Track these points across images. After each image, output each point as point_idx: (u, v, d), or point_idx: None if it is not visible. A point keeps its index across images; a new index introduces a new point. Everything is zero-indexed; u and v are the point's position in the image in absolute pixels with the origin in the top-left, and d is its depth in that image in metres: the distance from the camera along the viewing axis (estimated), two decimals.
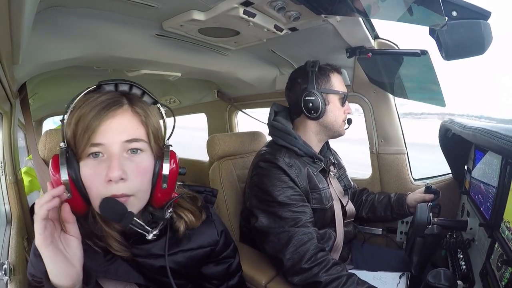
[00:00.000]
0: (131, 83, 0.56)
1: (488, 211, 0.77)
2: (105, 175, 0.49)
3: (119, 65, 1.30)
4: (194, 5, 0.86)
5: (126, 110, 0.53)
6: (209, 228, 0.69)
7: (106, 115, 0.51)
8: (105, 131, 0.51)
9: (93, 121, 0.50)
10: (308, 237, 0.88)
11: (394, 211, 1.18)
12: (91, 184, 0.51)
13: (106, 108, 0.51)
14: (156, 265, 0.60)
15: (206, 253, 0.67)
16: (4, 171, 1.02)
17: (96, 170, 0.51)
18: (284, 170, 0.96)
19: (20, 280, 0.77)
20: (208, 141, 1.33)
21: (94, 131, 0.50)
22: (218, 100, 2.00)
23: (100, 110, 0.51)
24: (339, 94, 1.05)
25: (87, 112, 0.51)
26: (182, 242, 0.63)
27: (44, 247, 0.45)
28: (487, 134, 0.64)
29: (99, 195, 0.50)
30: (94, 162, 0.51)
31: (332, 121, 1.05)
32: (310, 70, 1.03)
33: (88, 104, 0.52)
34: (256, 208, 0.98)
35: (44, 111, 2.74)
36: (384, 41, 1.17)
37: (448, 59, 0.75)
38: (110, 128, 0.51)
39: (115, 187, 0.50)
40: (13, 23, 0.52)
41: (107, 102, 0.52)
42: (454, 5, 0.66)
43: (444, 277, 0.64)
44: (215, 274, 0.71)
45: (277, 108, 1.13)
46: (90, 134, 0.50)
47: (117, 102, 0.53)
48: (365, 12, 0.79)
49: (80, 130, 0.50)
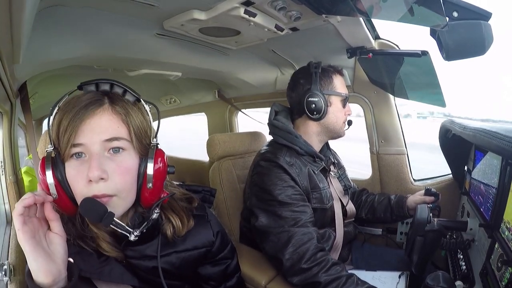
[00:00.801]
0: (111, 82, 0.55)
1: (488, 212, 0.77)
2: (86, 175, 0.49)
3: (120, 64, 1.30)
4: (195, 5, 0.86)
5: (106, 109, 0.53)
6: (205, 229, 0.68)
7: (85, 115, 0.51)
8: (85, 131, 0.51)
9: (73, 121, 0.50)
10: (308, 237, 0.88)
11: (394, 212, 1.18)
12: (74, 184, 0.51)
13: (85, 108, 0.51)
14: (149, 266, 0.59)
15: (201, 254, 0.67)
16: (4, 171, 1.02)
17: (79, 171, 0.51)
18: (285, 169, 0.96)
19: (20, 280, 0.76)
20: (208, 141, 1.33)
21: (74, 131, 0.50)
22: (218, 100, 2.00)
23: (79, 110, 0.51)
24: (341, 96, 1.06)
25: (67, 113, 0.51)
26: (176, 243, 0.63)
27: (24, 241, 0.46)
28: (487, 135, 0.64)
29: (82, 195, 0.50)
30: (77, 163, 0.51)
31: (333, 122, 1.06)
32: (314, 71, 1.03)
33: (69, 105, 0.52)
34: (256, 207, 0.98)
35: (44, 111, 2.73)
36: (385, 42, 1.17)
37: (448, 59, 0.75)
38: (90, 128, 0.51)
39: (96, 187, 0.50)
40: (13, 22, 0.52)
41: (86, 102, 0.52)
42: (455, 6, 0.66)
43: (443, 280, 0.65)
44: (212, 275, 0.70)
45: (278, 107, 1.13)
46: (70, 135, 0.50)
47: (96, 102, 0.52)
48: (366, 12, 0.79)
49: (62, 131, 0.51)
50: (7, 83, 0.81)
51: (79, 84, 0.55)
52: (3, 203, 1.01)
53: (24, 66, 0.86)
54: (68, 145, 0.50)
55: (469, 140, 0.81)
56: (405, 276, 1.00)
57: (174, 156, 2.54)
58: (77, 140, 0.50)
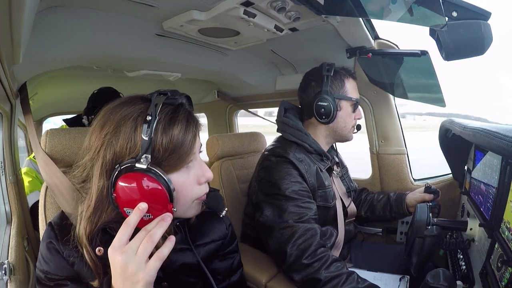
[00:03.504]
0: (188, 96, 0.58)
1: (488, 212, 0.77)
2: (198, 178, 0.56)
3: (119, 65, 1.30)
4: (194, 5, 0.86)
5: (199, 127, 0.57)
6: (219, 223, 0.71)
7: (194, 134, 0.53)
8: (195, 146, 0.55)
9: (189, 143, 0.52)
10: (311, 233, 0.88)
11: (393, 210, 1.18)
12: (184, 189, 0.54)
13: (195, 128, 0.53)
14: (179, 261, 0.61)
15: (218, 246, 0.69)
16: (4, 171, 1.02)
17: (188, 177, 0.55)
18: (294, 164, 0.97)
19: (20, 280, 0.77)
20: (207, 141, 1.33)
21: (190, 150, 0.53)
22: (218, 100, 2.00)
23: (192, 131, 0.53)
24: (351, 101, 1.05)
25: (179, 131, 0.51)
26: (196, 237, 0.65)
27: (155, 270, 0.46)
28: (487, 135, 0.64)
29: (191, 197, 0.56)
30: (186, 170, 0.54)
31: (341, 126, 1.06)
32: (325, 74, 1.02)
33: (175, 121, 0.51)
34: (262, 201, 0.98)
35: (44, 111, 2.74)
36: (384, 42, 1.17)
37: (448, 59, 0.75)
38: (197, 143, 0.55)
39: (205, 186, 0.57)
40: (13, 23, 0.52)
41: (192, 121, 0.53)
42: (454, 6, 0.66)
43: (443, 277, 0.64)
44: (220, 269, 0.71)
45: (287, 105, 1.13)
46: (189, 152, 0.52)
47: (195, 120, 0.55)
48: (365, 12, 0.79)
49: (175, 148, 0.51)
50: (7, 84, 0.82)
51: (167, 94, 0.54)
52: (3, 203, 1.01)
53: (24, 67, 0.86)
54: (186, 161, 0.53)
55: (469, 139, 0.81)
56: (405, 280, 1.00)
57: None
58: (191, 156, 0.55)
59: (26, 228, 1.06)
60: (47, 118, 2.99)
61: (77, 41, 0.93)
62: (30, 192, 1.41)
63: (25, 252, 0.91)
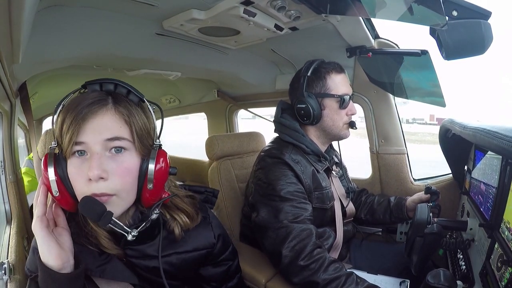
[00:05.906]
0: (115, 82, 0.56)
1: (488, 212, 0.77)
2: (87, 174, 0.50)
3: (119, 64, 1.30)
4: (194, 4, 0.86)
5: (109, 109, 0.53)
6: (206, 231, 0.68)
7: (88, 114, 0.51)
8: (87, 130, 0.51)
9: (76, 120, 0.51)
10: (306, 234, 0.88)
11: (393, 215, 1.18)
12: (75, 182, 0.52)
13: (89, 107, 0.52)
14: (149, 266, 0.60)
15: (202, 255, 0.67)
16: (4, 171, 1.02)
17: (80, 169, 0.51)
18: (290, 166, 0.96)
19: (20, 279, 0.77)
20: (206, 141, 1.33)
21: (76, 129, 0.51)
22: (218, 100, 2.00)
23: (83, 109, 0.51)
24: (335, 98, 0.99)
25: (71, 111, 0.51)
26: (177, 244, 0.63)
27: (39, 229, 0.50)
28: (487, 135, 0.64)
29: (82, 193, 0.51)
30: (79, 161, 0.52)
31: (330, 125, 1.02)
32: (303, 75, 1.00)
33: (73, 103, 0.53)
34: (258, 202, 0.98)
35: (44, 110, 2.75)
36: (384, 41, 1.16)
37: (448, 59, 0.74)
38: (92, 127, 0.51)
39: (95, 186, 0.50)
40: (13, 22, 0.52)
41: (90, 101, 0.52)
42: (455, 5, 0.66)
43: (444, 277, 0.64)
44: (214, 276, 0.71)
45: (284, 105, 1.12)
46: (73, 133, 0.51)
47: (100, 101, 0.53)
48: (365, 11, 0.79)
49: (65, 129, 0.51)
50: (6, 83, 0.82)
51: (83, 83, 0.56)
52: (3, 202, 1.01)
53: (24, 66, 0.86)
54: (70, 143, 0.51)
55: (469, 139, 0.81)
56: (405, 284, 1.00)
57: (174, 156, 2.54)
58: (79, 138, 0.51)
59: (26, 228, 1.06)
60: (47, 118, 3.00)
61: (77, 40, 0.93)
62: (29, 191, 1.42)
63: (25, 251, 0.91)
